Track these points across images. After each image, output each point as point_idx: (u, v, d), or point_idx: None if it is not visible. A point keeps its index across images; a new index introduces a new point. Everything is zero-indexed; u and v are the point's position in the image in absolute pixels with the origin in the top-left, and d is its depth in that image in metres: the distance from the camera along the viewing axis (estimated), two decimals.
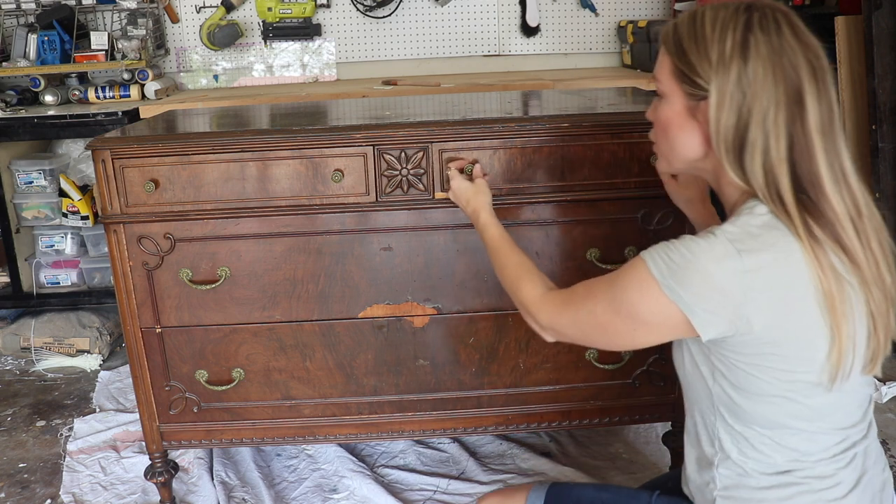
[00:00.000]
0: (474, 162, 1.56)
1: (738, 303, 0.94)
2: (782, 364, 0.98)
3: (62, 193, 2.84)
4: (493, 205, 1.45)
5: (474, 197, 1.44)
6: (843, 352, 0.96)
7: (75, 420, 2.38)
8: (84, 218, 2.85)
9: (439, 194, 1.58)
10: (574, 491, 1.25)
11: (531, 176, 1.60)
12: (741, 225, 0.98)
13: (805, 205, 0.97)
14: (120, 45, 2.97)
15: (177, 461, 1.94)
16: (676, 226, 1.63)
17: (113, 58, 2.99)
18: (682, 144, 1.06)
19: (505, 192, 1.60)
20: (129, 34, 3.02)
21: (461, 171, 1.54)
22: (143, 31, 3.03)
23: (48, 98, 2.98)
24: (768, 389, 0.99)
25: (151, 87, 2.96)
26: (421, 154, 1.58)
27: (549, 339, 1.17)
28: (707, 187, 1.38)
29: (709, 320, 0.96)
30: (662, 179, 1.42)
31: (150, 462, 1.81)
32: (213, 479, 2.02)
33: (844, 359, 0.96)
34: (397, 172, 1.59)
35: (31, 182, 2.87)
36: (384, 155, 1.58)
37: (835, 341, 0.96)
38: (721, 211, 1.12)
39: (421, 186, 1.59)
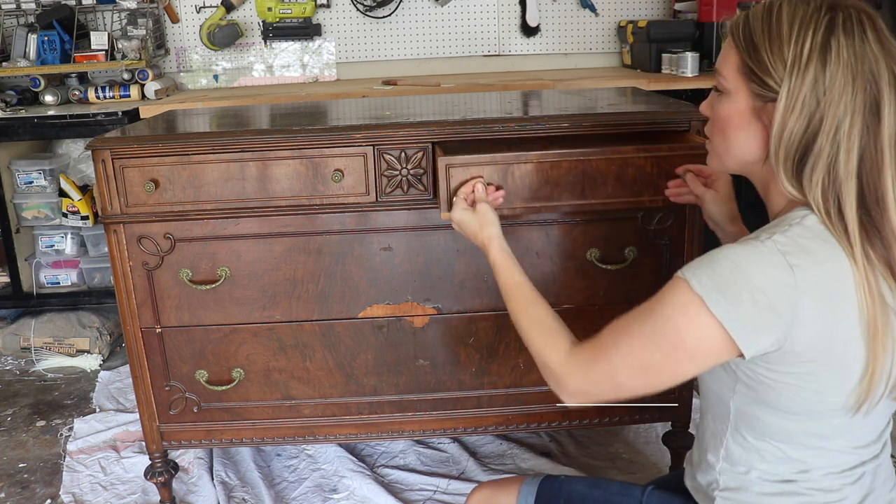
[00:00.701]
0: (477, 178, 1.39)
1: (787, 320, 0.89)
2: (816, 384, 0.93)
3: (62, 193, 2.84)
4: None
5: (480, 230, 1.29)
6: (875, 381, 0.92)
7: (75, 420, 2.38)
8: (84, 218, 2.85)
9: (444, 215, 1.41)
10: (565, 486, 1.22)
11: (541, 187, 1.59)
12: (793, 236, 0.92)
13: (865, 225, 0.91)
14: (120, 45, 2.97)
15: (177, 461, 1.94)
16: (676, 226, 1.63)
17: (113, 58, 2.99)
18: (740, 145, 1.00)
19: (519, 210, 1.52)
20: (129, 34, 3.02)
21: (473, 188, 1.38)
22: (143, 31, 3.03)
23: (48, 98, 2.98)
24: (794, 407, 0.96)
25: (151, 87, 2.96)
26: (421, 154, 1.57)
27: (573, 403, 1.06)
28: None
29: (755, 337, 0.91)
30: (696, 193, 1.32)
31: (150, 462, 1.81)
32: (213, 479, 2.02)
33: (876, 388, 0.92)
34: (397, 172, 1.59)
35: (31, 182, 2.87)
36: (384, 155, 1.58)
37: (868, 370, 0.91)
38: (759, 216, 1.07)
39: (421, 186, 1.59)
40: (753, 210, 1.06)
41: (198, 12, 3.20)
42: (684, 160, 1.40)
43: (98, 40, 3.00)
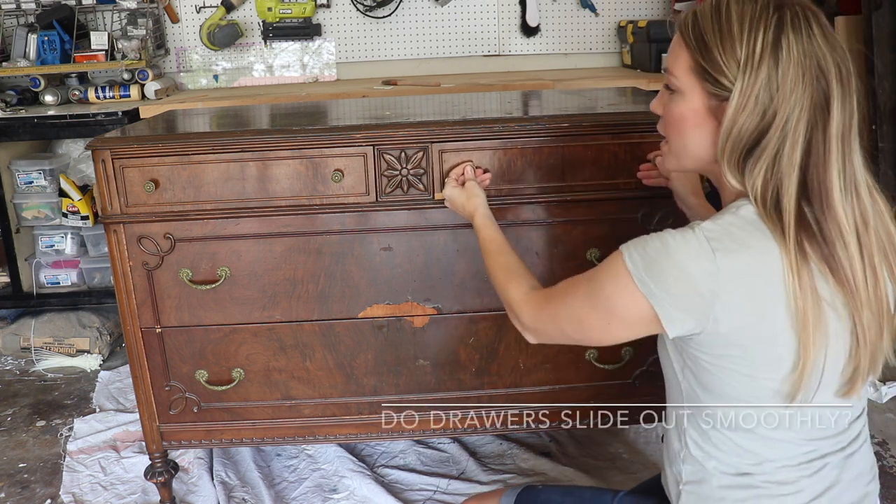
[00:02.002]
0: (466, 161, 1.55)
1: (708, 302, 0.93)
2: (747, 368, 0.96)
3: (62, 193, 2.84)
4: (494, 205, 1.45)
5: (467, 202, 1.45)
6: (806, 373, 0.93)
7: (75, 420, 2.38)
8: (84, 218, 2.85)
9: (439, 195, 1.58)
10: (542, 495, 1.26)
11: (531, 176, 1.60)
12: (722, 224, 0.95)
13: (804, 218, 0.93)
14: (120, 45, 2.97)
15: (177, 461, 1.94)
16: (676, 226, 1.62)
17: (113, 58, 2.99)
18: (697, 144, 1.02)
19: (505, 192, 1.60)
20: (129, 34, 3.02)
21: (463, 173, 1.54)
22: (143, 31, 3.03)
23: (48, 98, 2.98)
24: (732, 393, 0.98)
25: (151, 87, 2.96)
26: (421, 154, 1.57)
27: (532, 339, 1.17)
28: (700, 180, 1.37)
29: (676, 317, 0.95)
30: (664, 174, 1.41)
31: (150, 462, 1.81)
32: (213, 479, 2.02)
33: (808, 380, 0.94)
34: (397, 172, 1.59)
35: (31, 182, 2.87)
36: (384, 155, 1.58)
37: (799, 361, 0.93)
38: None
39: (421, 186, 1.59)
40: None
41: (198, 12, 3.20)
42: (655, 146, 1.47)
43: (98, 40, 3.00)
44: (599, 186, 1.60)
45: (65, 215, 2.87)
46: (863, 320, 0.94)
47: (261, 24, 3.19)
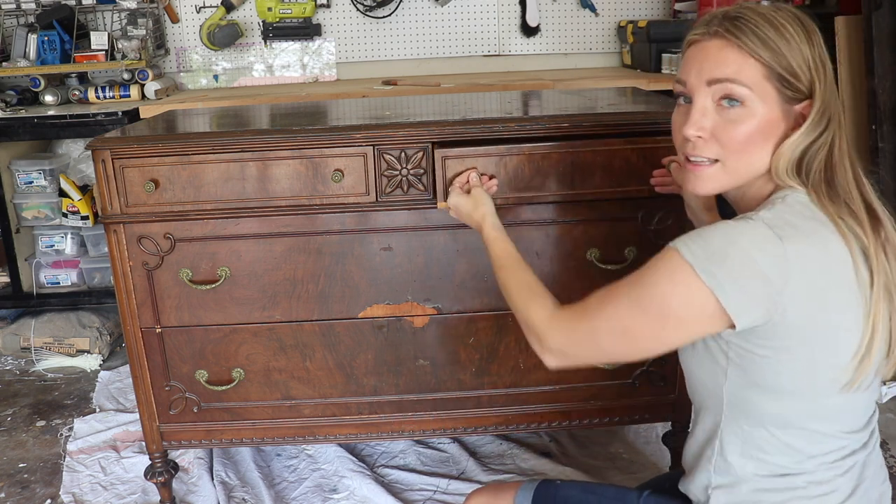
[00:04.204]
0: (471, 168, 1.50)
1: (777, 290, 0.91)
2: (807, 358, 0.95)
3: (62, 193, 2.84)
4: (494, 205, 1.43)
5: (474, 211, 1.37)
6: (870, 358, 0.95)
7: (75, 420, 2.38)
8: (84, 218, 2.85)
9: (441, 204, 1.52)
10: (561, 491, 1.22)
11: (532, 178, 1.59)
12: (778, 213, 0.95)
13: (866, 202, 0.99)
14: (120, 45, 2.97)
15: (177, 461, 1.94)
16: (676, 226, 1.63)
17: (113, 58, 2.99)
18: (762, 156, 1.01)
19: (511, 200, 1.58)
20: (129, 34, 3.02)
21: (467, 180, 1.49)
22: (143, 31, 3.03)
23: (48, 98, 2.98)
24: (788, 386, 0.97)
25: (151, 87, 2.96)
26: (421, 154, 1.57)
27: (555, 364, 1.08)
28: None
29: (746, 306, 0.92)
30: (679, 183, 1.33)
31: (150, 462, 1.81)
32: (213, 479, 2.02)
33: (870, 366, 0.95)
34: (397, 172, 1.59)
35: (31, 182, 2.87)
36: (384, 155, 1.58)
37: (861, 347, 0.94)
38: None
39: (421, 186, 1.59)
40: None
41: (198, 12, 3.20)
42: (669, 151, 1.40)
43: (98, 40, 3.00)
44: (600, 185, 1.60)
45: (65, 215, 2.87)
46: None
47: (261, 24, 3.19)
